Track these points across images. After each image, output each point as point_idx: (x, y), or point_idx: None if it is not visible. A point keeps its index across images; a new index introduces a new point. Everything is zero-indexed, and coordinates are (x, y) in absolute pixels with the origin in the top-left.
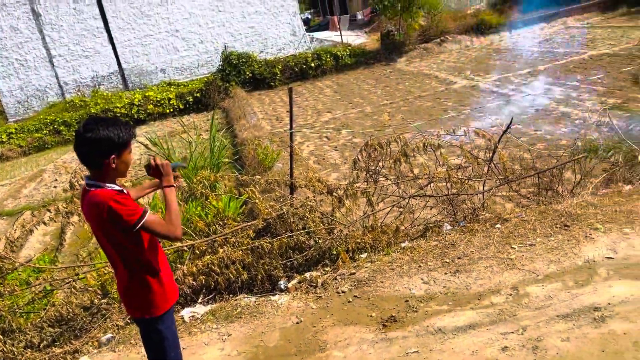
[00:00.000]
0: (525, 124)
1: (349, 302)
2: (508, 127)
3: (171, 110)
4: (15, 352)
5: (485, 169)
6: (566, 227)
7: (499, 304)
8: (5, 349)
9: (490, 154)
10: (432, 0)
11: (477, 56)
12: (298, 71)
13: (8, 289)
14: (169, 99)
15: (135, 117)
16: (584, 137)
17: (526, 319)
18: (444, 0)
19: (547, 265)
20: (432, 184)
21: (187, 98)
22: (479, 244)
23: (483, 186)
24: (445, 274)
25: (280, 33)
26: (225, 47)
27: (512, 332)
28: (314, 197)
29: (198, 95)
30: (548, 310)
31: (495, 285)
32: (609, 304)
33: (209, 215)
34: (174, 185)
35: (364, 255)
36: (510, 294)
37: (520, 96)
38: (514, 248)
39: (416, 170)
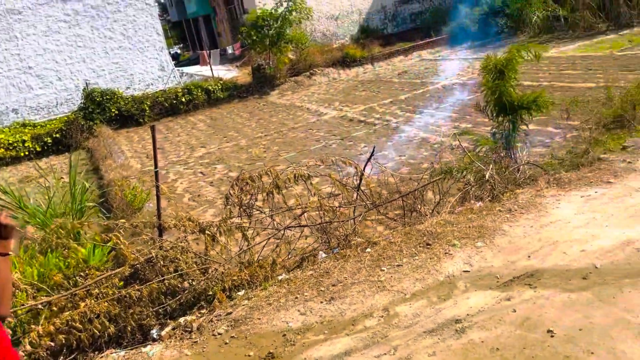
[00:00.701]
0: (391, 150)
1: (226, 343)
2: (371, 154)
3: (26, 153)
4: None
5: (355, 195)
6: (428, 246)
7: (371, 327)
8: None
9: (358, 181)
10: (299, 35)
11: (344, 88)
12: (168, 106)
13: None
14: (24, 141)
15: None
16: (440, 160)
17: (397, 338)
18: (311, 35)
19: (414, 283)
20: (306, 214)
21: (45, 139)
22: (352, 269)
23: (354, 212)
24: (321, 302)
25: (148, 68)
26: (86, 84)
27: (385, 354)
28: (186, 237)
29: (58, 135)
30: (416, 327)
31: (367, 308)
32: (467, 315)
33: (70, 267)
34: (10, 253)
35: (241, 293)
36: (382, 316)
37: (385, 124)
38: (384, 270)
39: (292, 201)
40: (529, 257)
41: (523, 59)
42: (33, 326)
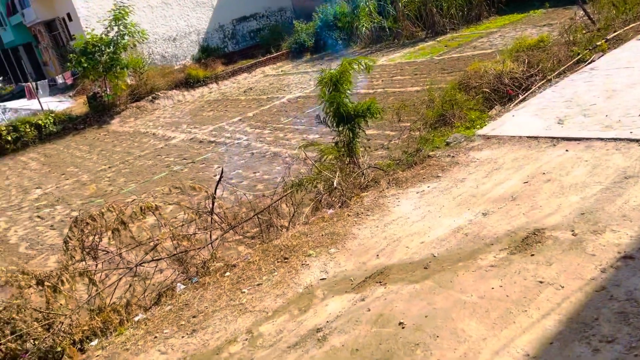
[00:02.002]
0: (245, 168)
1: None
2: (220, 177)
3: None
4: None
5: (210, 219)
6: (286, 260)
7: (237, 353)
8: None
9: (211, 205)
10: (135, 60)
11: (191, 109)
12: None
13: None
14: None
15: None
16: (290, 173)
17: (262, 359)
18: (149, 57)
19: (275, 300)
20: (159, 246)
21: None
22: (212, 297)
23: (210, 237)
24: (182, 337)
25: None
26: None
27: None
28: (21, 292)
29: None
30: (280, 344)
31: (231, 334)
32: (327, 322)
33: None
34: None
35: (94, 343)
36: (246, 339)
37: (236, 143)
38: (244, 292)
39: (144, 234)
40: (378, 255)
41: (355, 70)
42: None
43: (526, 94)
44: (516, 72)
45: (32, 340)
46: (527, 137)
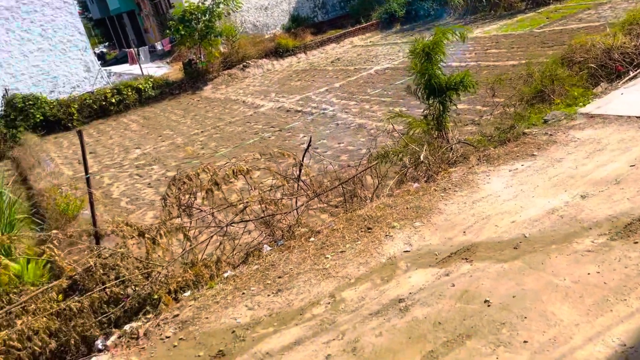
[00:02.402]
0: (330, 138)
1: (175, 346)
2: (309, 145)
3: None
4: None
5: (296, 186)
6: (369, 230)
7: (319, 315)
8: None
9: (298, 172)
10: (229, 28)
11: (279, 78)
12: (98, 108)
13: None
14: None
15: None
16: (376, 145)
17: (344, 323)
18: (241, 26)
19: (357, 268)
20: (248, 209)
21: None
22: (297, 260)
23: (296, 203)
24: (268, 295)
25: (72, 70)
26: (5, 90)
27: (334, 339)
28: (125, 242)
29: None
30: (362, 310)
31: (314, 296)
32: (410, 293)
33: (2, 284)
34: None
35: (187, 294)
36: (329, 303)
37: (321, 113)
38: (328, 257)
39: (234, 196)
40: (464, 232)
41: (449, 40)
42: None
43: (638, 70)
44: (628, 47)
45: (133, 287)
46: (637, 117)
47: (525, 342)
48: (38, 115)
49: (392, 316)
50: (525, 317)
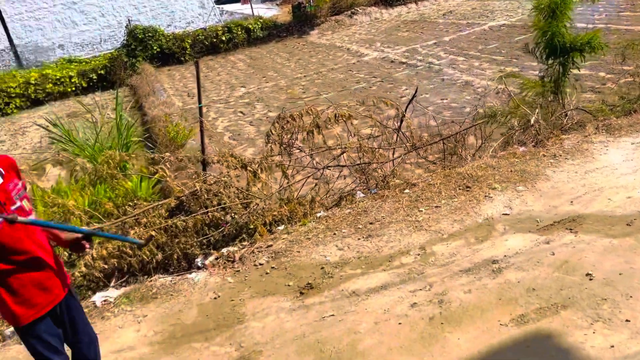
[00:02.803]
0: (432, 93)
1: (267, 273)
2: (413, 96)
3: (73, 89)
4: None
5: (395, 137)
6: (468, 189)
7: (408, 264)
8: None
9: (399, 123)
10: None
11: (386, 28)
12: (209, 45)
13: None
14: (70, 77)
15: (33, 97)
16: (484, 104)
17: (433, 275)
18: None
19: (451, 224)
20: (345, 154)
21: (91, 75)
22: (390, 209)
23: (393, 154)
24: (359, 239)
25: (188, 6)
26: (129, 20)
27: (421, 289)
28: (228, 172)
29: (102, 72)
30: (452, 266)
31: (404, 246)
32: (505, 256)
33: (119, 197)
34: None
35: (281, 227)
36: (419, 254)
37: (427, 66)
38: (422, 211)
39: (332, 141)
40: (572, 202)
41: None
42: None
43: None
44: None
45: (232, 214)
46: None
47: (627, 320)
48: (155, 47)
49: (484, 276)
50: (631, 297)
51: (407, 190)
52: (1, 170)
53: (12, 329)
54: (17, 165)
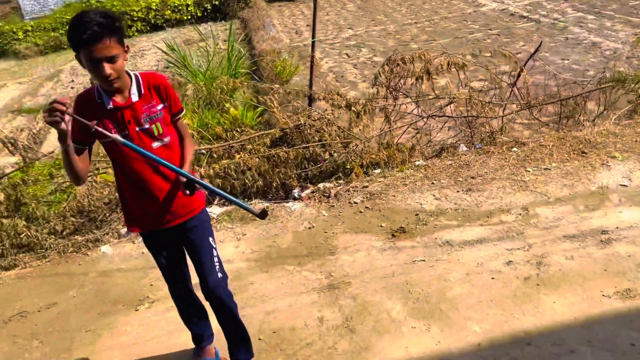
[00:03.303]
0: (553, 52)
1: (361, 212)
2: (536, 51)
3: (189, 17)
4: (40, 238)
5: (508, 92)
6: (583, 154)
7: (507, 222)
8: (29, 234)
9: (515, 78)
10: None
11: None
12: None
13: (32, 178)
14: (187, 5)
15: (152, 22)
16: (612, 68)
17: (533, 237)
18: None
19: (560, 188)
20: (452, 105)
21: (206, 5)
22: (494, 166)
23: (503, 110)
24: (458, 191)
25: None
26: None
27: (518, 249)
28: (332, 110)
29: (217, 3)
30: (555, 230)
31: (506, 204)
32: (617, 227)
33: (226, 123)
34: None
35: (377, 171)
36: (520, 214)
37: (551, 22)
38: (529, 171)
39: (437, 92)
40: None
41: None
42: (197, 167)
43: None
44: None
45: (331, 152)
46: None
47: None
48: None
49: (590, 244)
50: None
51: (515, 149)
52: (141, 88)
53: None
54: (165, 87)
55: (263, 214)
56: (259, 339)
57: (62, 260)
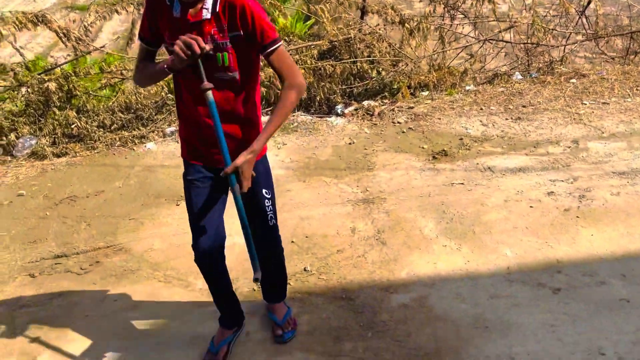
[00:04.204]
0: None
1: (403, 132)
2: None
3: None
4: (89, 130)
5: (575, 21)
6: None
7: (554, 154)
8: (80, 125)
9: (585, 5)
10: None
11: None
12: None
13: (83, 71)
14: None
15: None
16: None
17: (580, 170)
18: None
19: (616, 124)
20: (511, 31)
21: None
22: (548, 96)
23: (567, 40)
24: (506, 119)
25: None
26: None
27: (562, 181)
28: (384, 26)
29: None
30: (605, 165)
31: (555, 136)
32: None
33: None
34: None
35: (425, 93)
36: (569, 147)
37: None
38: (585, 104)
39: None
40: None
41: None
42: None
43: None
44: None
45: (379, 69)
46: None
47: None
48: None
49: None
50: None
51: (573, 80)
52: (217, 4)
53: (172, 128)
54: (243, 8)
55: (256, 279)
56: (292, 241)
57: (110, 153)
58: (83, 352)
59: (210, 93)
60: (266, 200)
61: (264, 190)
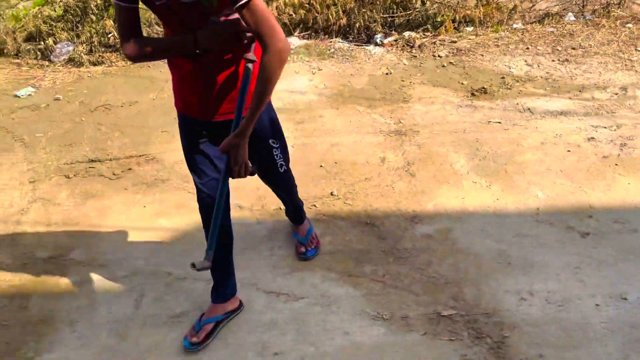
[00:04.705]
0: None
1: (443, 66)
2: None
3: None
4: None
5: None
6: None
7: (600, 100)
8: (116, 35)
9: None
10: None
11: None
12: None
13: None
14: None
15: None
16: None
17: (625, 118)
18: None
19: None
20: None
21: None
22: (601, 40)
23: None
24: (553, 60)
25: None
26: None
27: (604, 127)
28: None
29: None
30: None
31: (603, 81)
32: None
33: None
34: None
35: (469, 28)
36: (617, 93)
37: None
38: (639, 51)
39: None
40: None
41: None
42: None
43: None
44: None
45: (424, 0)
46: None
47: None
48: None
49: None
50: None
51: (629, 25)
52: None
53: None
54: None
55: (194, 266)
56: (321, 166)
57: (145, 65)
58: (112, 250)
59: (251, 65)
60: (274, 150)
61: (270, 141)
